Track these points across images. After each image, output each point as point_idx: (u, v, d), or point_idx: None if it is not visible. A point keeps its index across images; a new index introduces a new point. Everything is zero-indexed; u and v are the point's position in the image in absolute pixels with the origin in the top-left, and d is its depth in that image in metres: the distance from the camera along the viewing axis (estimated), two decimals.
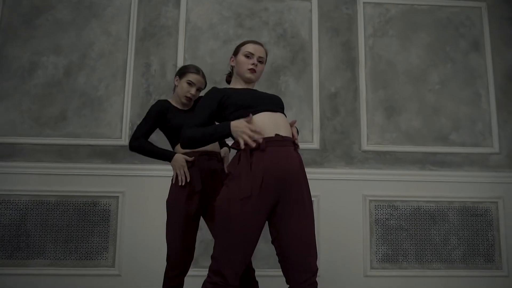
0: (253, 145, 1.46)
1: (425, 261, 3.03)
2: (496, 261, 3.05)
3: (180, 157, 2.04)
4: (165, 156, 2.08)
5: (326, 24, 3.26)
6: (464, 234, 3.07)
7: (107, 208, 2.94)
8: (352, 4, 3.30)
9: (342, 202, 3.03)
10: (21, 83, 3.04)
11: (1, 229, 2.86)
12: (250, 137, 1.46)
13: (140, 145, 2.05)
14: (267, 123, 1.57)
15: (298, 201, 1.55)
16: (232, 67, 1.86)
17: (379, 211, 3.06)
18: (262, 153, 1.51)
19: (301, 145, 2.38)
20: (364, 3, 3.30)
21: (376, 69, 3.24)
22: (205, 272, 2.86)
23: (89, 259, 2.88)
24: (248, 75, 1.76)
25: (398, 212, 3.07)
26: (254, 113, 1.58)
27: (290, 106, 3.13)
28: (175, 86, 2.18)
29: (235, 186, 1.50)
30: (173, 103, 2.18)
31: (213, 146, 2.12)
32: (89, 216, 2.92)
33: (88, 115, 3.04)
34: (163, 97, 3.08)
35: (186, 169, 1.99)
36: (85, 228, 2.91)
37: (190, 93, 2.10)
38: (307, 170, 1.69)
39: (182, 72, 2.15)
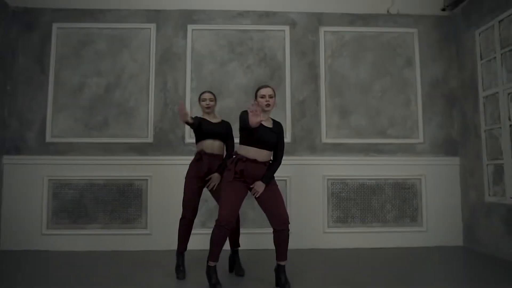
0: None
1: (367, 222, 4.23)
2: (419, 221, 4.25)
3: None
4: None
5: (296, 48, 4.37)
6: (396, 202, 4.26)
7: (139, 187, 4.14)
8: (316, 32, 4.38)
9: (307, 180, 4.21)
10: (73, 99, 4.20)
11: (67, 203, 4.08)
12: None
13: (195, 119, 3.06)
14: (253, 153, 2.77)
15: None
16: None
17: (334, 187, 4.25)
18: (243, 162, 2.75)
19: None
20: (324, 31, 4.39)
21: (333, 82, 4.36)
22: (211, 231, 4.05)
23: (128, 223, 4.10)
24: (265, 108, 2.78)
25: (348, 187, 4.26)
26: (254, 147, 2.75)
27: None
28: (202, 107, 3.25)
29: (227, 174, 2.79)
30: (204, 116, 3.22)
31: (219, 149, 3.20)
32: (127, 193, 4.13)
33: (124, 121, 4.20)
34: (176, 107, 4.23)
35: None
36: (125, 202, 4.12)
37: (207, 104, 3.18)
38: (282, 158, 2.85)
39: (199, 98, 3.26)
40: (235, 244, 3.19)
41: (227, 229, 2.69)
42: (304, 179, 4.21)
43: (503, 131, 3.70)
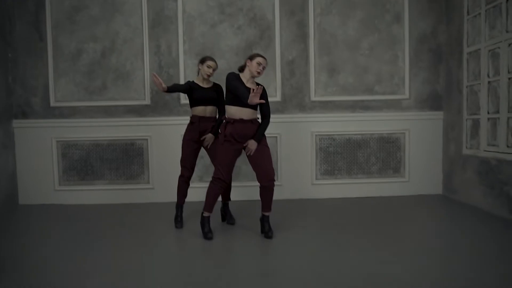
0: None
1: (352, 174, 4.55)
2: (401, 172, 4.55)
3: None
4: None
5: (285, 8, 4.42)
6: (381, 155, 4.54)
7: (141, 146, 4.46)
8: None
9: (297, 137, 4.47)
10: (72, 64, 4.39)
11: (75, 162, 4.44)
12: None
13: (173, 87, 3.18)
14: (238, 112, 3.01)
15: None
16: (246, 65, 3.06)
17: (322, 142, 4.52)
18: (231, 124, 2.99)
19: (269, 99, 3.73)
20: None
21: (322, 40, 4.46)
22: (207, 185, 4.42)
23: (132, 179, 4.48)
24: (256, 75, 3.01)
25: (335, 142, 4.52)
26: (239, 106, 2.98)
27: None
28: (199, 69, 3.35)
29: (220, 137, 3.09)
30: (197, 82, 3.37)
31: (211, 113, 3.42)
32: (130, 152, 4.46)
33: (121, 85, 4.42)
34: (171, 69, 4.41)
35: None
36: (128, 160, 4.46)
37: (210, 72, 3.30)
38: (273, 116, 3.14)
39: (203, 60, 3.33)
40: (226, 198, 3.55)
41: (223, 184, 3.04)
42: (294, 135, 4.47)
43: (481, 87, 3.85)
